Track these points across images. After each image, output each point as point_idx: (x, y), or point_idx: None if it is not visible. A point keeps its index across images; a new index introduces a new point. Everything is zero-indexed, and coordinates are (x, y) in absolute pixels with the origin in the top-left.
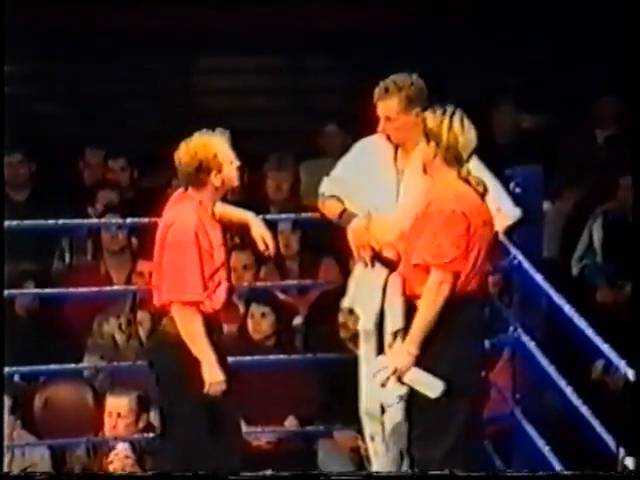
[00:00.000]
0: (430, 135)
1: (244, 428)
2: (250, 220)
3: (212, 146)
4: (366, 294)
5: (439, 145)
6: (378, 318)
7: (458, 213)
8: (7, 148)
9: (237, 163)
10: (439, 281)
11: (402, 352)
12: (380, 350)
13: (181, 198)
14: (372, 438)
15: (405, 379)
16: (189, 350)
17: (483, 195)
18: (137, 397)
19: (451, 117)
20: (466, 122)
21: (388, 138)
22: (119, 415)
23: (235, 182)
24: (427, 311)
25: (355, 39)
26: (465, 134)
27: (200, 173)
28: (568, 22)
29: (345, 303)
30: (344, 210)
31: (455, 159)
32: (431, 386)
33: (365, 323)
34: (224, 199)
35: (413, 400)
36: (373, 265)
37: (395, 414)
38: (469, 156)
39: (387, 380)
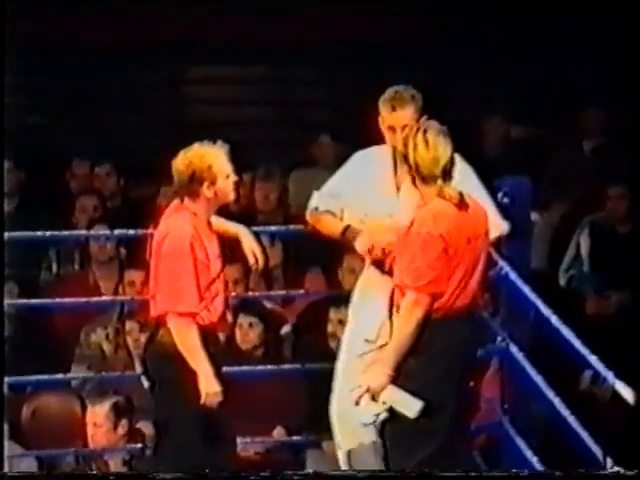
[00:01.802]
0: (404, 154)
1: None
2: (241, 233)
3: (208, 157)
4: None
5: (410, 166)
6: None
7: (435, 235)
8: None
9: (234, 178)
10: (413, 302)
11: (376, 371)
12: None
13: (177, 209)
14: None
15: (382, 398)
16: (186, 361)
17: (466, 209)
18: (112, 404)
19: (414, 136)
20: (431, 139)
21: (395, 149)
22: (95, 424)
23: (230, 196)
24: (401, 332)
25: (347, 51)
26: (431, 152)
27: (193, 183)
28: (555, 35)
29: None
30: (347, 227)
31: (430, 177)
32: (409, 405)
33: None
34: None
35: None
36: (383, 270)
37: (374, 430)
38: (446, 171)
39: (360, 399)
